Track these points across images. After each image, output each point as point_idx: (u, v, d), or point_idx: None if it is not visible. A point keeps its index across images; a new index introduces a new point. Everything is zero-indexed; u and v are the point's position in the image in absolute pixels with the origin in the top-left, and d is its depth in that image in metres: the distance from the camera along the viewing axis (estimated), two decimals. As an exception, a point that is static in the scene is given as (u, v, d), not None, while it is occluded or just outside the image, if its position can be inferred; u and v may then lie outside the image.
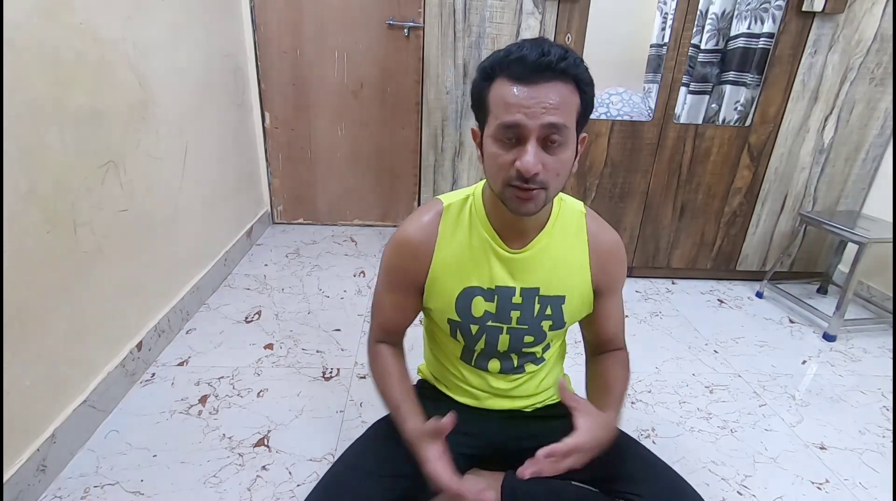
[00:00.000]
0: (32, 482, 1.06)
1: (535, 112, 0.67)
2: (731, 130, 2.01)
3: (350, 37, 2.39)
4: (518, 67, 0.68)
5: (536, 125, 0.68)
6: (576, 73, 0.69)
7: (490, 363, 0.94)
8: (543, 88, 0.67)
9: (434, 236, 0.85)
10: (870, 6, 1.80)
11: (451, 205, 0.87)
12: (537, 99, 0.67)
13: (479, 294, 0.86)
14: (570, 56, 0.68)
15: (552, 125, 0.68)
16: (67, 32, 1.15)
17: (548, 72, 0.67)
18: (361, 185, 2.70)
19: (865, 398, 1.53)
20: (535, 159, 0.68)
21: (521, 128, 0.68)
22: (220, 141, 2.07)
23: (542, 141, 0.69)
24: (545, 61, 0.67)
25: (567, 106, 0.69)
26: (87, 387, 1.24)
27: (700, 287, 2.22)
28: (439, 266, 0.86)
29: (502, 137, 0.70)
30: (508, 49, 0.70)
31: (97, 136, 1.26)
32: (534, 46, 0.68)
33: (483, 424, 0.97)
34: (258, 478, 1.14)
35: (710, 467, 1.24)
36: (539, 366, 0.96)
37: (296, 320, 1.80)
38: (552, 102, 0.67)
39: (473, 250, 0.85)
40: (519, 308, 0.87)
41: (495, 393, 0.96)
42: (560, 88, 0.68)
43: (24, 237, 1.03)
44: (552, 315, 0.87)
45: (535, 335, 0.89)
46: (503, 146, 0.71)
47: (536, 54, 0.67)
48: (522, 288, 0.85)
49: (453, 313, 0.88)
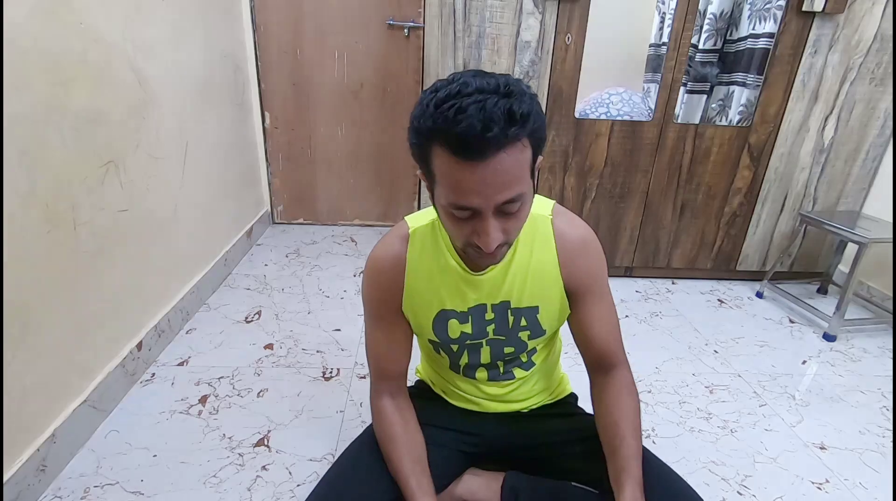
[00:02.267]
0: (32, 482, 1.05)
1: (488, 193, 0.62)
2: (731, 130, 2.01)
3: (350, 37, 2.39)
4: (458, 144, 0.59)
5: (492, 205, 0.63)
6: (524, 131, 0.61)
7: (477, 372, 0.93)
8: (491, 165, 0.60)
9: (402, 261, 0.83)
10: (870, 6, 1.80)
11: (416, 230, 0.84)
12: (487, 180, 0.61)
13: (453, 317, 0.85)
14: (517, 110, 0.58)
15: (508, 200, 0.63)
16: (67, 32, 1.15)
17: (494, 146, 0.59)
18: (361, 185, 2.70)
19: (865, 398, 1.53)
20: (496, 234, 0.65)
21: (476, 209, 0.64)
22: (220, 141, 2.07)
23: (498, 211, 0.65)
24: (492, 137, 0.58)
25: (521, 170, 0.63)
26: (87, 387, 1.24)
27: (700, 287, 2.22)
28: (412, 292, 0.85)
29: (456, 215, 0.66)
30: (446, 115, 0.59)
31: (97, 136, 1.26)
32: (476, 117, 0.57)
33: (481, 423, 0.97)
34: (258, 478, 1.14)
35: (710, 467, 1.24)
36: (529, 371, 0.95)
37: (296, 320, 1.80)
38: (505, 179, 0.61)
39: (442, 273, 0.83)
40: (493, 322, 0.86)
41: (490, 398, 0.96)
42: (509, 157, 0.60)
43: (24, 237, 1.03)
44: (528, 326, 0.86)
45: (515, 346, 0.88)
46: (458, 220, 0.66)
47: (480, 127, 0.57)
48: (493, 304, 0.84)
49: (431, 334, 0.87)
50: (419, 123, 0.64)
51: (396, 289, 0.85)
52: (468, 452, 0.97)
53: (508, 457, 0.98)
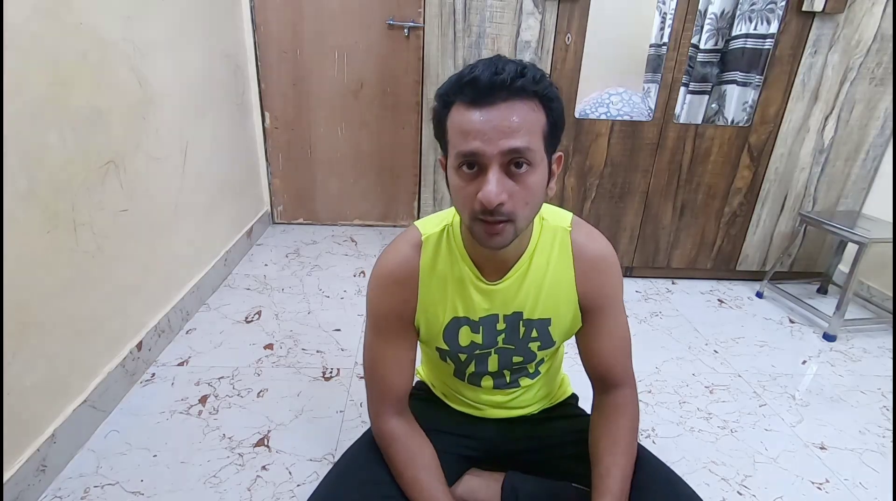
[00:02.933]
0: (32, 482, 1.05)
1: (492, 138, 0.61)
2: (731, 130, 2.01)
3: (350, 37, 2.39)
4: (471, 90, 0.62)
5: (496, 152, 0.62)
6: (536, 89, 0.63)
7: (483, 380, 0.93)
8: (499, 109, 0.61)
9: (416, 269, 0.81)
10: (870, 6, 1.80)
11: (429, 237, 0.81)
12: (493, 123, 0.61)
13: (465, 324, 0.83)
14: (529, 72, 0.63)
15: (514, 150, 0.62)
16: (67, 32, 1.15)
17: (503, 91, 0.61)
18: (361, 185, 2.70)
19: (865, 398, 1.53)
20: (498, 188, 0.62)
21: (480, 156, 0.62)
22: (220, 141, 2.07)
23: (506, 167, 0.63)
24: (498, 80, 0.61)
25: (530, 126, 0.63)
26: (87, 387, 1.24)
27: (700, 287, 2.22)
28: (425, 299, 0.82)
29: (463, 168, 0.65)
30: (461, 72, 0.65)
31: (97, 136, 1.26)
32: (487, 66, 0.62)
33: (482, 427, 0.97)
34: (258, 478, 1.14)
35: (710, 467, 1.24)
36: (534, 380, 0.95)
37: (296, 320, 1.80)
38: (511, 125, 0.61)
39: (455, 281, 0.81)
40: (504, 332, 0.85)
41: (492, 405, 0.96)
42: (519, 107, 0.62)
43: (24, 237, 1.03)
44: (539, 337, 0.85)
45: (524, 355, 0.87)
46: (465, 178, 0.65)
47: (489, 74, 0.61)
48: (505, 315, 0.83)
49: (441, 342, 0.85)
50: (441, 90, 0.67)
51: (410, 299, 0.82)
52: (468, 456, 0.96)
53: (509, 460, 0.98)
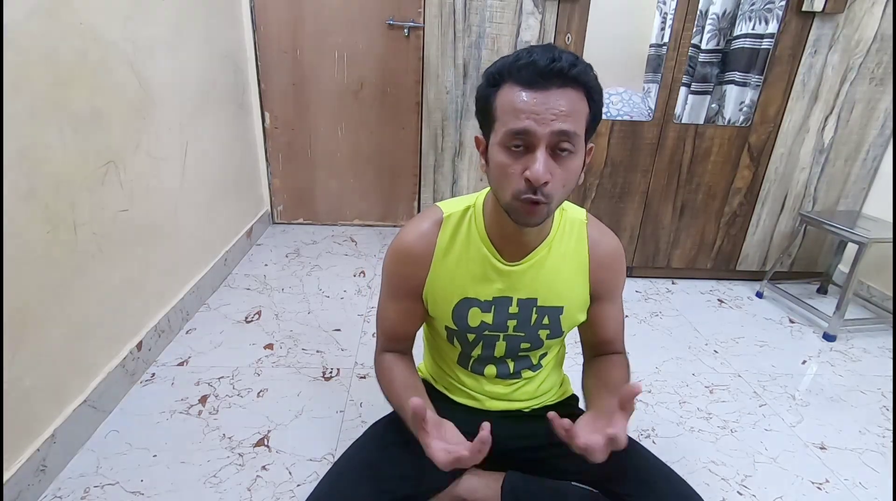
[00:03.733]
0: (32, 482, 1.05)
1: (545, 119, 0.65)
2: (731, 130, 2.01)
3: (350, 37, 2.39)
4: (528, 72, 0.65)
5: (546, 132, 0.65)
6: (586, 80, 0.67)
7: (486, 368, 0.94)
8: (554, 94, 0.65)
9: (432, 245, 0.84)
10: (870, 6, 1.80)
11: (450, 215, 0.85)
12: (547, 105, 0.65)
13: (475, 305, 0.85)
14: (581, 63, 0.66)
15: (563, 132, 0.65)
16: (67, 32, 1.15)
17: (558, 78, 0.65)
18: (361, 185, 2.70)
19: (865, 398, 1.53)
20: (545, 168, 0.66)
21: (531, 135, 0.66)
22: (220, 141, 2.07)
23: (551, 149, 0.67)
24: (556, 67, 0.64)
25: (577, 113, 0.67)
26: (87, 387, 1.24)
27: (700, 287, 2.22)
28: (436, 276, 0.85)
29: (510, 145, 0.68)
30: (517, 54, 0.68)
31: (97, 136, 1.26)
32: (544, 52, 0.66)
33: (481, 423, 0.97)
34: (258, 478, 1.14)
35: (710, 467, 1.24)
36: (536, 372, 0.96)
37: (296, 320, 1.80)
38: (563, 109, 0.65)
39: (471, 262, 0.84)
40: (516, 317, 0.86)
41: (493, 396, 0.96)
42: (570, 94, 0.66)
43: (24, 237, 1.03)
44: (549, 325, 0.87)
45: (532, 343, 0.89)
46: (511, 155, 0.68)
47: (547, 60, 0.65)
48: (519, 299, 0.85)
49: (450, 321, 0.87)
50: (492, 69, 0.70)
51: (421, 271, 0.85)
52: (469, 454, 0.96)
53: (509, 458, 0.98)
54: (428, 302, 0.88)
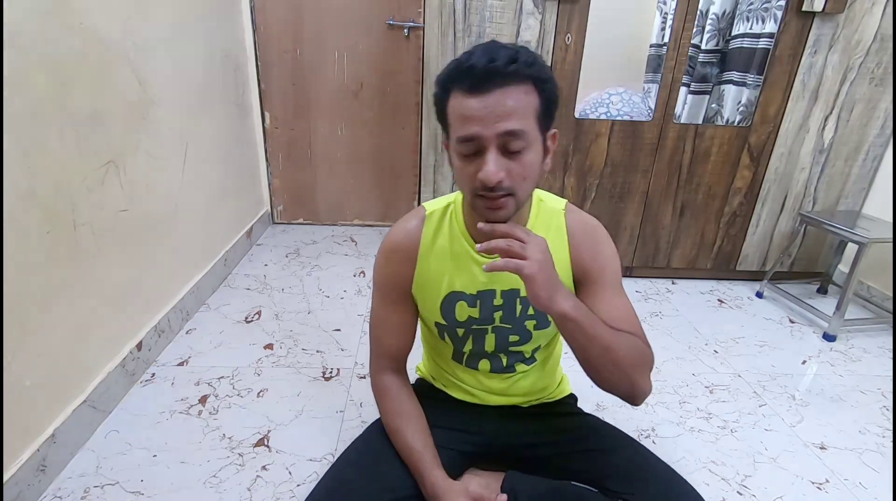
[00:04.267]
0: (32, 482, 1.05)
1: (489, 122, 0.66)
2: (731, 130, 2.01)
3: (350, 37, 2.39)
4: (468, 77, 0.67)
5: (493, 134, 0.67)
6: (528, 72, 0.68)
7: (480, 362, 0.95)
8: (495, 95, 0.66)
9: (417, 241, 0.87)
10: (870, 6, 1.80)
11: (433, 212, 0.88)
12: (490, 108, 0.66)
13: (462, 299, 0.87)
14: (522, 56, 0.67)
15: (509, 132, 0.67)
16: (67, 32, 1.15)
17: (498, 78, 0.66)
18: (361, 185, 2.70)
19: (865, 398, 1.53)
20: (496, 168, 0.67)
21: (479, 139, 0.68)
22: (220, 141, 2.07)
23: (502, 148, 0.68)
24: (493, 68, 0.66)
25: (523, 109, 0.68)
26: (87, 387, 1.24)
27: (700, 287, 2.22)
28: (423, 271, 0.87)
29: (463, 150, 0.70)
30: (459, 58, 0.69)
31: (97, 136, 1.26)
32: (483, 53, 0.67)
33: (480, 421, 0.98)
34: (258, 478, 1.14)
35: (710, 467, 1.24)
36: (531, 366, 0.96)
37: (296, 320, 1.80)
38: (506, 109, 0.66)
39: (454, 256, 0.86)
40: (501, 309, 0.88)
41: (490, 391, 0.97)
42: (513, 92, 0.67)
43: (24, 237, 1.03)
44: (535, 315, 0.88)
45: (521, 335, 0.90)
46: (465, 159, 0.71)
47: (484, 62, 0.66)
48: (502, 290, 0.86)
49: (439, 316, 0.89)
50: (440, 76, 0.73)
51: (408, 267, 0.88)
52: (468, 452, 0.97)
53: (508, 456, 0.98)
54: (417, 300, 0.90)
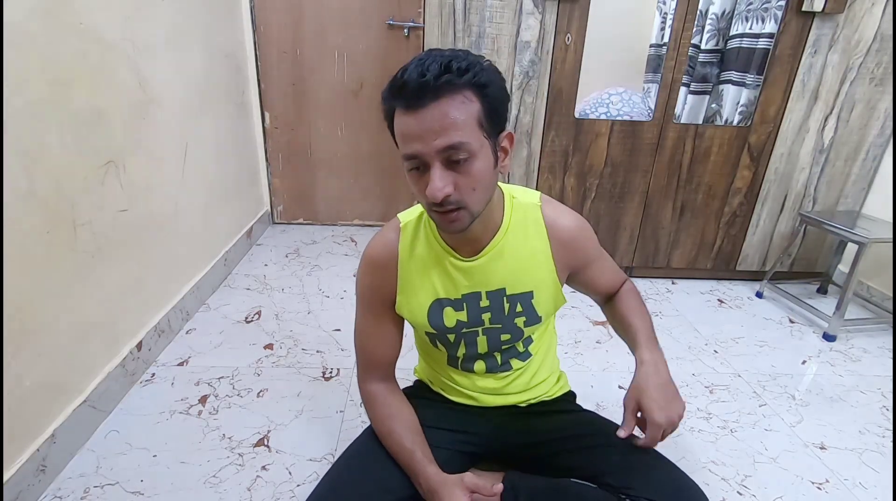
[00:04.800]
0: (32, 482, 1.05)
1: (427, 139, 0.66)
2: (730, 130, 2.01)
3: (350, 37, 2.39)
4: (403, 95, 0.66)
5: (432, 151, 0.66)
6: (463, 81, 0.66)
7: (475, 364, 0.94)
8: (430, 110, 0.65)
9: (395, 253, 0.87)
10: (870, 6, 1.80)
11: (407, 223, 0.88)
12: (426, 124, 0.65)
13: (448, 305, 0.87)
14: (455, 64, 0.65)
15: (449, 147, 0.66)
16: (67, 32, 1.15)
17: (429, 92, 0.65)
18: (361, 185, 2.70)
19: (865, 398, 1.53)
20: (441, 184, 0.67)
21: (420, 157, 0.68)
22: (220, 141, 2.07)
23: (446, 162, 0.68)
24: (424, 83, 0.64)
25: (461, 120, 0.66)
26: (87, 387, 1.24)
27: (700, 287, 2.22)
28: (405, 282, 0.87)
29: (410, 167, 0.71)
30: (395, 75, 0.68)
31: (97, 136, 1.26)
32: (415, 67, 0.66)
33: (479, 422, 0.97)
34: (258, 478, 1.14)
35: (710, 467, 1.24)
36: (526, 362, 0.96)
37: (296, 320, 1.80)
38: (443, 124, 0.65)
39: (433, 263, 0.86)
40: (489, 310, 0.87)
41: (486, 392, 0.97)
42: (448, 104, 0.65)
43: (24, 237, 1.03)
44: (524, 312, 0.88)
45: (512, 333, 0.90)
46: (414, 176, 0.71)
47: (415, 77, 0.65)
48: (488, 291, 0.86)
49: (427, 326, 0.89)
50: (383, 93, 0.71)
51: (389, 279, 0.88)
52: (468, 452, 0.97)
53: (508, 456, 0.98)
54: (403, 311, 0.90)
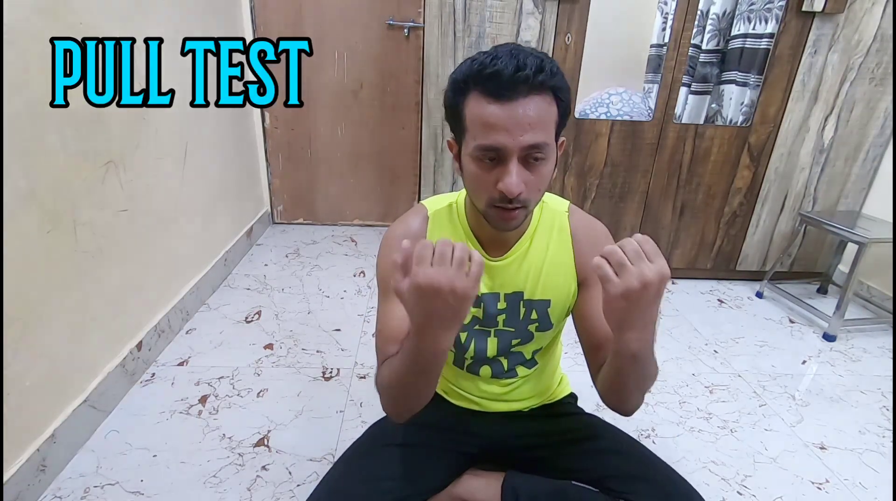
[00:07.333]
0: (32, 482, 1.05)
1: (514, 133, 0.64)
2: (731, 130, 2.01)
3: (350, 37, 2.39)
4: (493, 82, 0.64)
5: (517, 146, 0.65)
6: (553, 83, 0.65)
7: (482, 368, 0.94)
8: (521, 104, 0.64)
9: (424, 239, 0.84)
10: (870, 6, 1.80)
11: (436, 212, 0.87)
12: (516, 118, 0.64)
13: None
14: (547, 65, 0.65)
15: (533, 145, 0.65)
16: (67, 32, 1.15)
17: (525, 86, 0.63)
18: (361, 185, 2.70)
19: (865, 398, 1.53)
20: (518, 180, 0.66)
21: (502, 150, 0.66)
22: (220, 141, 2.07)
23: (523, 160, 0.67)
24: (522, 76, 0.63)
25: (546, 121, 0.66)
26: (87, 387, 1.24)
27: (700, 287, 2.22)
28: None
29: (482, 158, 0.68)
30: (482, 61, 0.65)
31: (97, 136, 1.26)
32: (509, 58, 0.64)
33: (482, 423, 0.97)
34: (258, 478, 1.14)
35: (710, 467, 1.24)
36: (532, 370, 0.95)
37: (296, 320, 1.80)
38: (531, 121, 0.64)
39: None
40: (504, 312, 0.87)
41: (491, 397, 0.96)
42: (538, 102, 0.65)
43: (24, 237, 1.03)
44: (538, 319, 0.87)
45: (522, 337, 0.89)
46: (483, 167, 0.68)
47: (512, 68, 0.63)
48: (506, 294, 0.85)
49: None
50: (457, 76, 0.69)
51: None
52: (468, 453, 0.97)
53: (508, 457, 0.98)
54: None
